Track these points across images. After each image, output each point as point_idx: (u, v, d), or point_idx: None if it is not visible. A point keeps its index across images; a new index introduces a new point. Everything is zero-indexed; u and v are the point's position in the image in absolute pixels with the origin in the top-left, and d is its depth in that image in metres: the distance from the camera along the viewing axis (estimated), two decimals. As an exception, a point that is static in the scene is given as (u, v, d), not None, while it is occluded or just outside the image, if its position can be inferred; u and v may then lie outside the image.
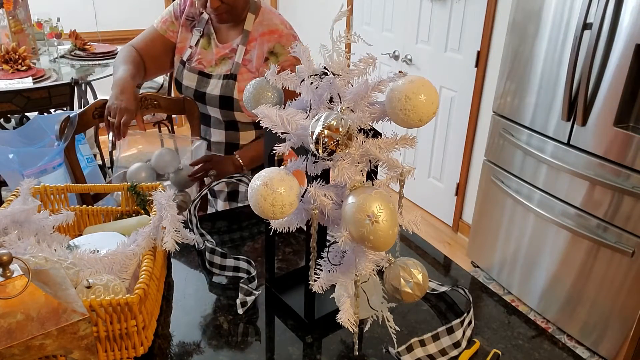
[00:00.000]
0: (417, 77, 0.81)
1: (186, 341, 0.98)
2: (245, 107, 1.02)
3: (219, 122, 1.66)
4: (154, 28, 1.67)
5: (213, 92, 1.58)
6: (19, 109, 2.53)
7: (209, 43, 1.62)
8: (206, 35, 1.62)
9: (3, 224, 1.03)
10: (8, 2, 2.78)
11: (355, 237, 0.78)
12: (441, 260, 1.29)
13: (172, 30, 1.65)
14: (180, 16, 1.64)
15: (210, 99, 1.59)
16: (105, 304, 0.86)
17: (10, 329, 0.68)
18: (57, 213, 1.12)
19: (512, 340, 1.02)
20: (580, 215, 2.16)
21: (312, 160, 0.85)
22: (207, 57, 1.61)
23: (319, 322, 1.02)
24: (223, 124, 1.66)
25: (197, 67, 1.62)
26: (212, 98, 1.59)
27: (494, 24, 2.72)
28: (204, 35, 1.62)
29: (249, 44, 1.54)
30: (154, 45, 1.66)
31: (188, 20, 1.63)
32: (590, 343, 2.25)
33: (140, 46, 1.65)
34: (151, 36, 1.66)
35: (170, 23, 1.65)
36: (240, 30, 1.56)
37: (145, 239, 1.03)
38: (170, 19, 1.65)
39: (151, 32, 1.67)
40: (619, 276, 2.06)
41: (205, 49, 1.62)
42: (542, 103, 2.24)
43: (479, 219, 2.75)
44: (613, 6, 1.88)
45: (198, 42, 1.62)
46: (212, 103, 1.60)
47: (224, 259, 1.16)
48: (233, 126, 1.65)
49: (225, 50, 1.58)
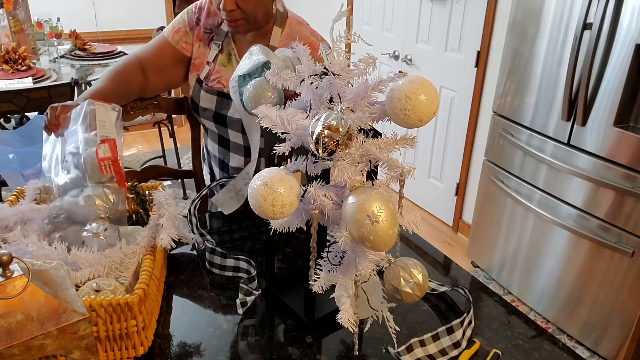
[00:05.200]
0: (417, 77, 0.81)
1: (186, 341, 0.98)
2: (246, 107, 1.02)
3: (239, 148, 1.50)
4: (164, 37, 1.49)
5: (235, 115, 1.41)
6: (19, 109, 2.53)
7: (229, 60, 1.45)
8: (225, 50, 1.45)
9: (12, 220, 1.04)
10: (8, 2, 2.78)
11: (355, 237, 0.78)
12: (441, 260, 1.29)
13: (186, 42, 1.48)
14: (195, 27, 1.47)
15: (232, 122, 1.43)
16: (105, 303, 0.86)
17: (10, 329, 0.68)
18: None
19: (512, 340, 1.02)
20: (580, 215, 2.16)
21: (312, 160, 0.85)
22: (226, 76, 1.43)
23: (319, 322, 1.02)
24: (243, 150, 1.50)
25: (216, 87, 1.45)
26: (235, 122, 1.43)
27: (494, 24, 2.72)
28: (223, 50, 1.45)
29: None
30: (163, 56, 1.48)
31: (206, 33, 1.46)
32: (590, 343, 2.25)
33: (146, 57, 1.48)
34: (160, 46, 1.49)
35: (183, 33, 1.47)
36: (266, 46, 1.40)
37: (145, 239, 1.03)
38: (184, 28, 1.47)
39: (160, 42, 1.49)
40: (619, 276, 2.06)
41: (224, 66, 1.45)
42: (542, 103, 2.24)
43: (479, 219, 2.75)
44: (613, 6, 1.88)
45: (216, 57, 1.46)
46: (234, 127, 1.45)
47: (224, 259, 1.16)
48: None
49: None
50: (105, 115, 1.17)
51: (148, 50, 1.50)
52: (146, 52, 1.50)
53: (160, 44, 1.49)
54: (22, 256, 0.87)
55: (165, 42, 1.49)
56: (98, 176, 1.10)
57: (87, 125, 1.15)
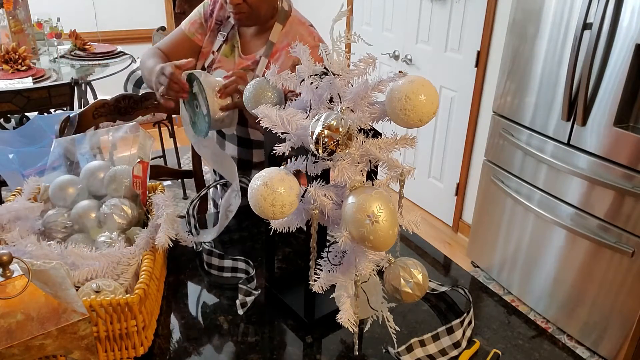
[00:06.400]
0: (417, 77, 0.81)
1: (186, 341, 0.98)
2: (246, 107, 1.02)
3: (233, 137, 1.56)
4: (182, 30, 1.55)
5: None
6: (19, 109, 2.53)
7: (232, 51, 1.50)
8: (230, 42, 1.51)
9: (6, 218, 1.05)
10: (8, 2, 2.78)
11: (355, 237, 0.78)
12: (441, 260, 1.29)
13: (200, 33, 1.54)
14: (209, 18, 1.53)
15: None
16: (105, 303, 0.86)
17: (10, 329, 0.68)
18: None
19: (512, 340, 1.02)
20: (580, 215, 2.16)
21: (312, 160, 0.85)
22: (227, 66, 1.49)
23: (319, 322, 1.02)
24: (237, 140, 1.56)
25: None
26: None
27: (494, 24, 2.72)
28: (228, 41, 1.51)
29: (272, 57, 1.43)
30: (182, 48, 1.54)
31: (217, 24, 1.52)
32: (590, 343, 2.25)
33: (166, 49, 1.54)
34: (178, 39, 1.55)
35: (199, 25, 1.54)
36: (265, 41, 1.45)
37: (144, 239, 1.03)
38: (200, 20, 1.54)
39: (178, 35, 1.56)
40: (619, 276, 2.06)
41: (226, 56, 1.50)
42: (542, 103, 2.24)
43: (479, 219, 2.75)
44: (613, 6, 1.88)
45: (220, 47, 1.51)
46: None
47: (222, 260, 1.16)
48: (246, 143, 1.55)
49: (247, 62, 1.46)
50: (145, 140, 1.26)
51: (168, 42, 1.56)
52: (167, 45, 1.55)
53: (179, 37, 1.56)
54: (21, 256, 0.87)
55: (183, 34, 1.55)
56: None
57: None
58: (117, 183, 1.17)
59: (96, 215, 1.12)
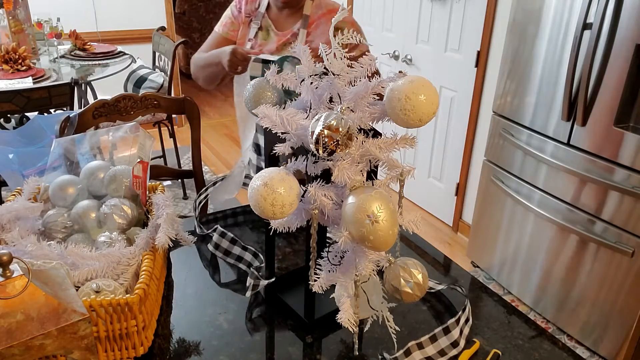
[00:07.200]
0: (417, 77, 0.81)
1: (186, 341, 0.98)
2: (246, 107, 1.02)
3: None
4: (217, 32, 1.73)
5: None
6: (19, 109, 2.53)
7: (268, 34, 1.68)
8: (264, 27, 1.68)
9: (6, 218, 1.04)
10: (8, 2, 2.78)
11: (355, 237, 0.78)
12: (441, 260, 1.29)
13: (233, 30, 1.72)
14: (238, 15, 1.71)
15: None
16: (105, 303, 0.86)
17: (10, 329, 0.68)
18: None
19: (512, 340, 1.02)
20: (580, 215, 2.15)
21: (312, 160, 0.85)
22: (268, 47, 1.66)
23: (319, 322, 1.02)
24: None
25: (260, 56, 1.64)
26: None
27: (494, 24, 2.72)
28: (262, 28, 1.68)
29: (309, 27, 1.62)
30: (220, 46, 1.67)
31: (247, 17, 1.70)
32: (590, 343, 2.25)
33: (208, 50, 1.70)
34: (216, 40, 1.72)
35: (230, 24, 1.72)
36: (299, 16, 1.64)
37: (144, 239, 1.03)
38: (230, 19, 1.72)
39: (215, 37, 1.73)
40: (619, 276, 2.06)
41: (265, 39, 1.68)
42: (542, 103, 2.24)
43: (479, 219, 2.75)
44: (613, 6, 1.88)
45: (257, 34, 1.68)
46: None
47: (232, 245, 1.17)
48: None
49: (286, 36, 1.64)
50: (145, 140, 1.28)
51: (208, 46, 1.74)
52: (207, 48, 1.73)
53: (216, 39, 1.74)
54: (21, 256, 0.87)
55: (219, 36, 1.73)
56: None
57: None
58: (117, 183, 1.17)
59: (96, 215, 1.12)
